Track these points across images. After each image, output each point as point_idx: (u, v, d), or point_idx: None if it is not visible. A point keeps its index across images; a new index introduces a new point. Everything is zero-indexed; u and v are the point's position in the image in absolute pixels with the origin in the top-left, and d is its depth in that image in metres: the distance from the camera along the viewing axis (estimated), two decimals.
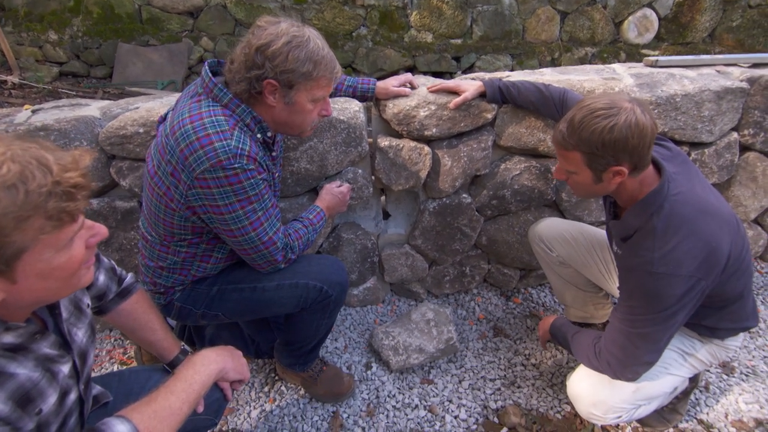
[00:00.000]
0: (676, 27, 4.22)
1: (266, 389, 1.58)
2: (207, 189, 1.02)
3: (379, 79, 1.60)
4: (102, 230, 0.72)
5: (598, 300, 1.61)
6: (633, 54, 4.29)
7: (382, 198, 1.85)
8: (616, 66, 1.86)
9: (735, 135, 1.79)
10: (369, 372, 1.63)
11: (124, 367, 1.63)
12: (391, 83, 1.53)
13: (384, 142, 1.59)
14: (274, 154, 1.21)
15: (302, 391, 1.56)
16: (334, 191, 1.46)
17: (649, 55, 4.38)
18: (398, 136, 1.60)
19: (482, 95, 1.51)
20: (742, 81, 1.72)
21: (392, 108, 1.52)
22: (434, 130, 1.54)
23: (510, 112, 1.59)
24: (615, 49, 4.28)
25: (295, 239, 1.22)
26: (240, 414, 1.50)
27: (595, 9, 4.13)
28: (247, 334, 1.55)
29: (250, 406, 1.52)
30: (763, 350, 1.69)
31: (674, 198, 1.05)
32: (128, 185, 1.49)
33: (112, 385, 0.99)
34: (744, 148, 1.86)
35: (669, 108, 1.62)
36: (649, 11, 4.11)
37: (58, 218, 0.62)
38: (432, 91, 1.52)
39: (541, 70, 1.81)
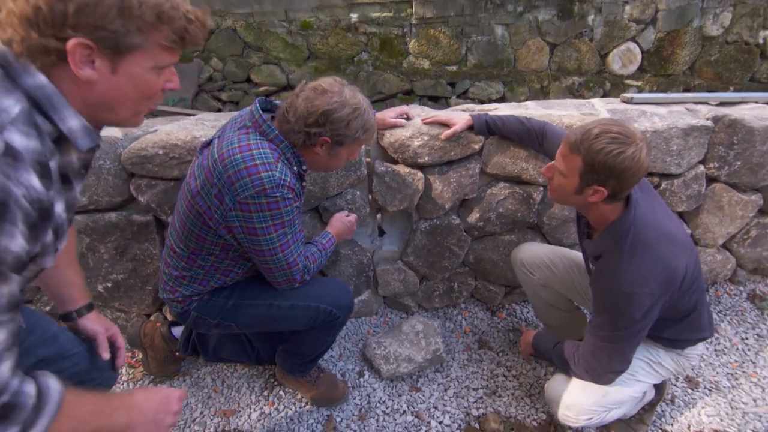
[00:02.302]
0: (658, 60, 4.39)
1: (266, 393, 1.65)
2: (247, 212, 1.12)
3: (378, 101, 1.72)
4: (177, 85, 0.81)
5: (577, 320, 1.70)
6: (617, 84, 4.45)
7: (378, 216, 1.95)
8: (595, 101, 1.99)
9: (702, 168, 1.90)
10: (361, 379, 1.71)
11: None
12: (388, 115, 1.64)
13: (381, 167, 1.69)
14: (304, 184, 1.31)
15: (299, 396, 1.63)
16: (343, 220, 1.57)
17: (632, 86, 4.53)
18: (394, 162, 1.70)
19: (471, 128, 1.62)
20: (707, 119, 1.84)
21: (389, 137, 1.63)
22: (426, 158, 1.64)
23: (495, 143, 1.70)
24: (601, 79, 4.44)
25: (311, 262, 1.31)
26: (241, 415, 1.57)
27: (582, 42, 4.30)
28: (247, 341, 1.63)
29: (250, 408, 1.60)
30: (727, 367, 1.78)
31: (639, 223, 1.15)
32: (145, 201, 1.59)
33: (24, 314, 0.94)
34: (711, 180, 1.97)
35: None
36: (632, 45, 4.28)
37: (177, 38, 0.71)
38: (426, 123, 1.63)
39: (525, 103, 1.93)
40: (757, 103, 2.09)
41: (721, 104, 2.05)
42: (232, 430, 1.52)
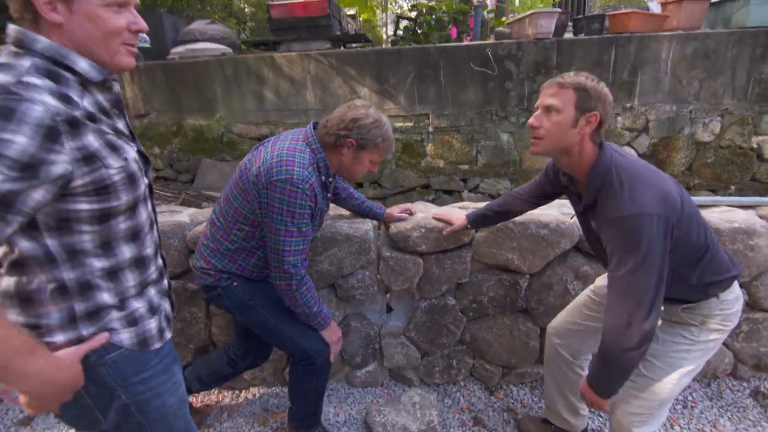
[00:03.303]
0: (656, 162, 4.65)
1: None
2: (273, 193, 1.37)
3: (399, 194, 2.03)
4: (143, 25, 0.87)
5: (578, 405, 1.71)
6: None
7: (387, 296, 2.16)
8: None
9: None
10: None
11: None
12: (395, 210, 1.95)
13: (387, 252, 1.95)
14: (329, 195, 1.57)
15: None
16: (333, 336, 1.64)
17: None
18: (398, 249, 1.96)
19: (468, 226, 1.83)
20: None
21: (393, 229, 1.92)
22: (424, 247, 1.90)
23: (483, 237, 1.94)
24: None
25: (307, 288, 1.49)
26: None
27: None
28: (227, 357, 1.82)
29: None
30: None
31: (617, 161, 1.20)
32: None
33: None
34: None
35: None
36: (629, 149, 4.59)
37: None
38: (434, 218, 1.90)
39: None
40: (730, 206, 2.26)
41: (698, 206, 2.24)
42: None
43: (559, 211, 2.03)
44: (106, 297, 0.90)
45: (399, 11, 11.42)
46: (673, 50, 4.19)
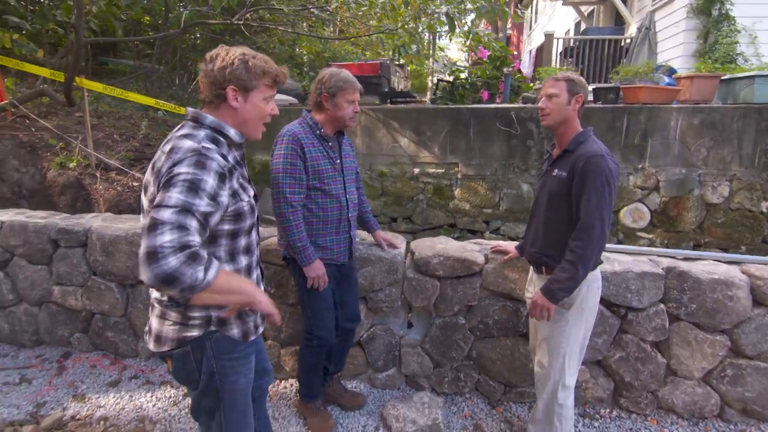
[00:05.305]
0: (666, 219, 4.67)
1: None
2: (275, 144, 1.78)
3: (429, 229, 2.33)
4: (277, 111, 1.24)
5: None
6: (630, 235, 4.74)
7: (410, 314, 2.39)
8: None
9: (662, 305, 2.16)
10: None
11: None
12: (382, 235, 2.21)
13: (411, 274, 2.21)
14: (330, 144, 1.83)
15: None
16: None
17: (644, 238, 4.77)
18: (420, 272, 2.21)
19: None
20: (662, 269, 2.15)
21: (418, 255, 2.18)
22: (441, 272, 2.14)
23: (491, 268, 2.16)
24: (614, 230, 4.77)
25: (296, 223, 1.76)
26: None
27: None
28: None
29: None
30: None
31: (593, 136, 1.66)
32: None
33: None
34: (675, 318, 2.18)
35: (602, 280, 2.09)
36: (641, 205, 4.65)
37: (273, 83, 1.20)
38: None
39: None
40: (717, 261, 2.36)
41: (686, 259, 2.35)
42: None
43: None
44: None
45: (446, 61, 12.01)
46: (681, 120, 4.33)
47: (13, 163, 4.23)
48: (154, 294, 1.20)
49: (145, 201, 1.13)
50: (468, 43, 6.53)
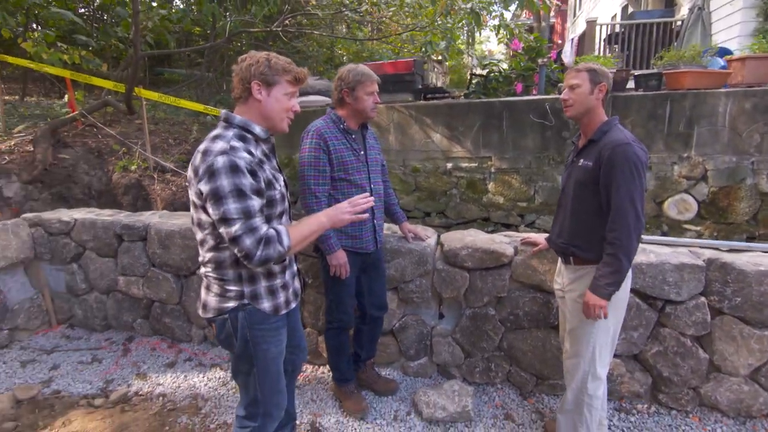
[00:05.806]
0: (716, 209, 4.35)
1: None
2: (302, 140, 1.85)
3: (462, 223, 2.40)
4: (298, 108, 1.34)
5: None
6: (675, 227, 4.46)
7: (441, 307, 2.42)
8: None
9: (702, 298, 2.05)
10: (408, 417, 2.06)
11: None
12: (409, 228, 2.24)
13: (440, 265, 2.24)
14: (353, 136, 1.89)
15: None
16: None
17: (691, 230, 4.47)
18: (449, 263, 2.24)
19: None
20: (702, 261, 2.04)
21: (447, 246, 2.20)
22: (470, 264, 2.15)
23: (521, 260, 2.14)
24: (658, 222, 4.51)
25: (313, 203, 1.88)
26: (324, 417, 2.02)
27: None
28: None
29: (329, 415, 2.04)
30: None
31: (616, 122, 1.62)
32: None
33: None
34: (717, 311, 2.06)
35: (636, 272, 2.01)
36: (687, 196, 4.36)
37: (294, 80, 1.29)
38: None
39: None
40: (765, 252, 2.20)
41: (731, 250, 2.21)
42: (318, 424, 1.98)
43: None
44: (259, 270, 1.33)
45: (486, 54, 11.78)
46: (730, 105, 4.00)
47: (83, 167, 4.66)
48: (202, 269, 1.37)
49: (191, 195, 1.28)
50: (499, 36, 6.37)
